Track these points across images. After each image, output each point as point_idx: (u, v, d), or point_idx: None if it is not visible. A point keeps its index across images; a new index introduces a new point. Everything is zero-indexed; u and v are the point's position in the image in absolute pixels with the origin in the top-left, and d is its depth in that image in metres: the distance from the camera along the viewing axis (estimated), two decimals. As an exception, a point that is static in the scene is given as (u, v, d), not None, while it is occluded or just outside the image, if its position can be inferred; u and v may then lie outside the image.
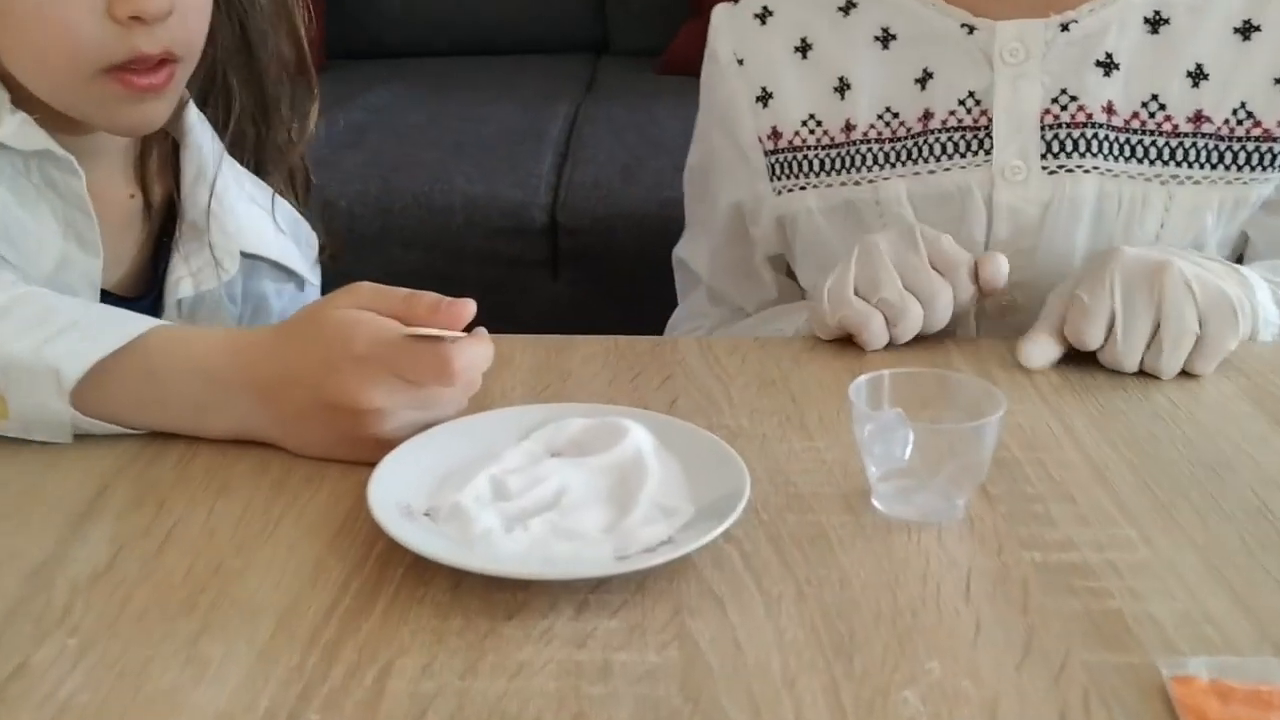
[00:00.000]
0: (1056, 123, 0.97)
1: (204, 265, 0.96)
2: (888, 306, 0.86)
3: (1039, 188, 0.97)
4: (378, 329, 0.70)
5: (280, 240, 1.04)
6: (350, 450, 0.71)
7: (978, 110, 0.99)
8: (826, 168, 1.04)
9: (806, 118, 1.05)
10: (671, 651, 0.56)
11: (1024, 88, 0.97)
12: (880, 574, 0.62)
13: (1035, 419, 0.78)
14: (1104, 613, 0.59)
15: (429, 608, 0.59)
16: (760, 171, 1.07)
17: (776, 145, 1.06)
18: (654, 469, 0.68)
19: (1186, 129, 0.97)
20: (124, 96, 0.84)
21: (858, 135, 1.02)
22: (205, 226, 0.96)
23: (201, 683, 0.54)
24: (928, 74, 1.01)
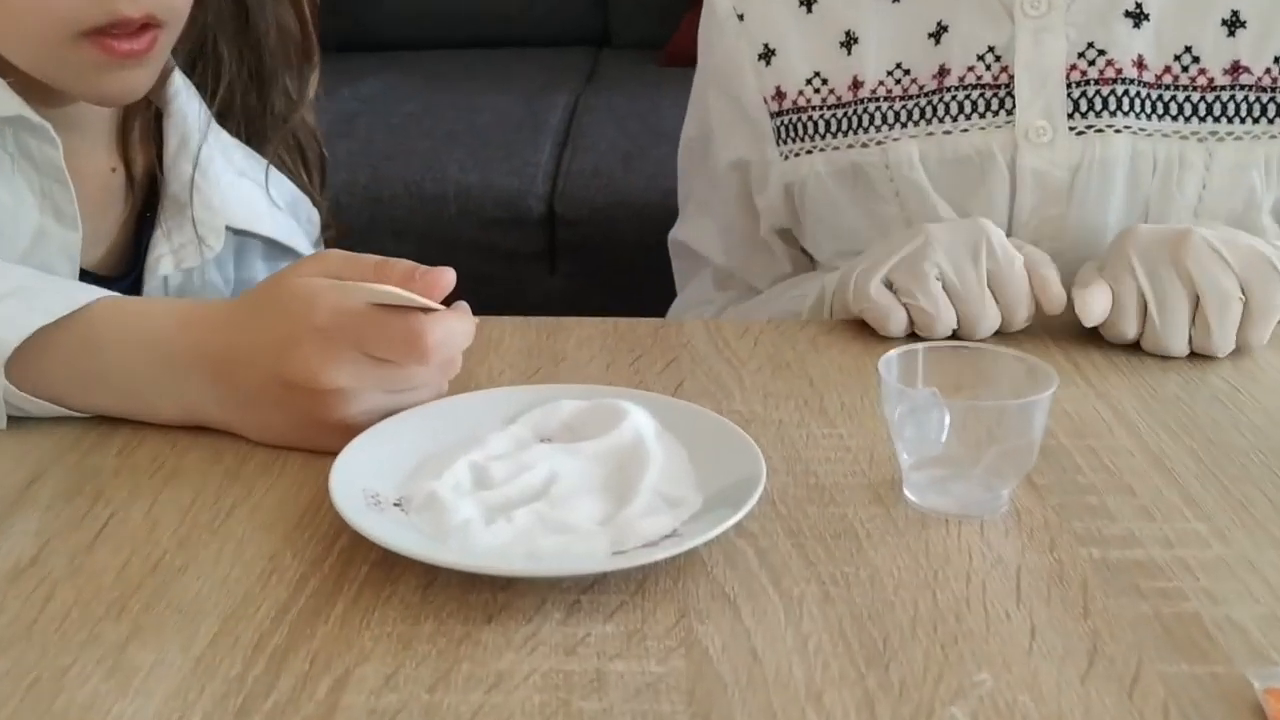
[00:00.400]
0: (1084, 79, 0.89)
1: (187, 242, 0.89)
2: (919, 313, 0.78)
3: (1067, 150, 0.88)
4: (342, 298, 0.62)
5: (276, 216, 0.96)
6: (312, 437, 0.63)
7: (997, 67, 0.91)
8: (833, 129, 0.96)
9: (811, 76, 0.96)
10: (676, 660, 0.48)
11: (1047, 42, 0.89)
12: (916, 572, 0.54)
13: (1081, 404, 0.70)
14: (1178, 617, 0.50)
15: (396, 610, 0.51)
16: (766, 135, 0.99)
17: (781, 106, 0.98)
18: (656, 455, 0.60)
19: (1223, 82, 0.88)
20: (104, 63, 0.76)
21: (865, 93, 0.94)
22: (188, 200, 0.89)
23: (125, 695, 0.46)
24: (942, 27, 0.92)
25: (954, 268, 0.78)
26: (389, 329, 0.61)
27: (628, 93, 2.12)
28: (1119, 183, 0.88)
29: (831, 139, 0.95)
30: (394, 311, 0.61)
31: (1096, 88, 0.89)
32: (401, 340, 0.61)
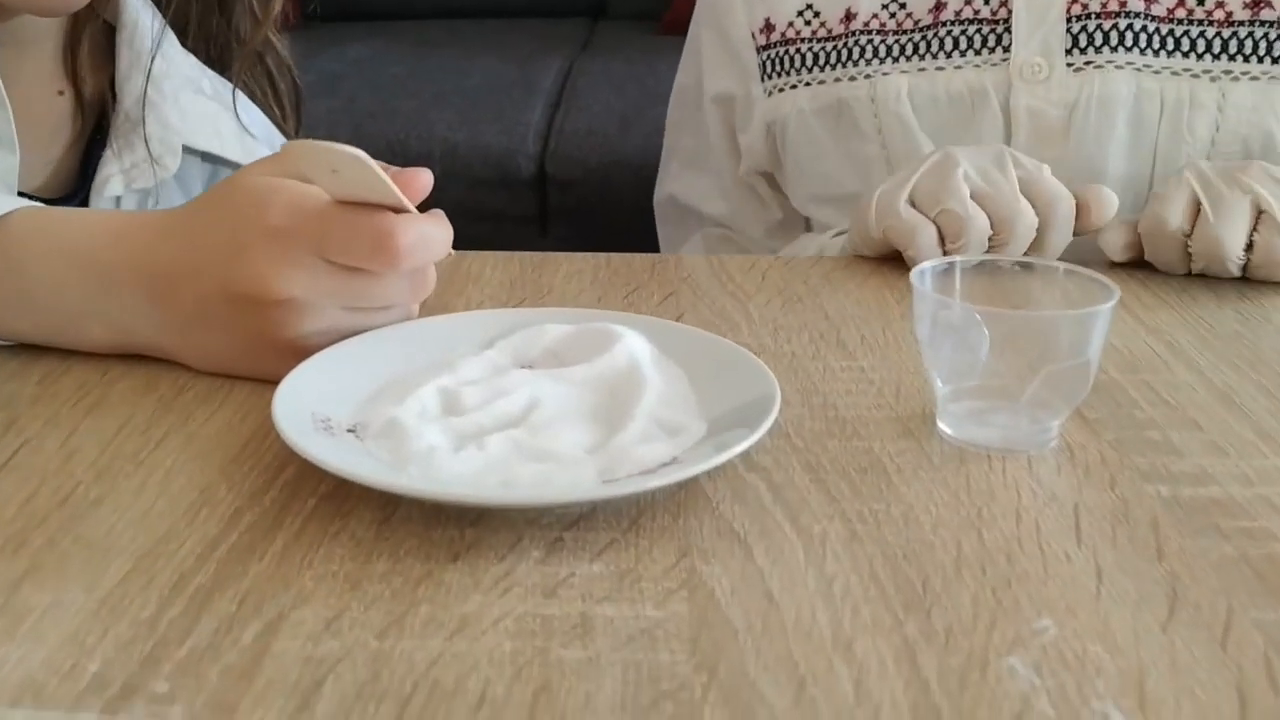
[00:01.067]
0: (1085, 12, 0.82)
1: (139, 161, 0.80)
2: (949, 219, 0.69)
3: (1062, 87, 0.81)
4: (300, 195, 0.54)
5: (247, 143, 0.88)
6: (261, 361, 0.55)
7: (996, 1, 0.84)
8: (820, 62, 0.89)
9: (804, 8, 0.90)
10: (677, 604, 0.40)
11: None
12: (958, 510, 0.46)
13: (1131, 339, 0.63)
14: (1269, 558, 0.43)
15: (345, 547, 0.43)
16: (751, 71, 0.93)
17: (769, 39, 0.91)
18: (653, 379, 0.52)
19: (1242, 16, 0.80)
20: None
21: (858, 25, 0.88)
22: (141, 117, 0.81)
23: (11, 639, 0.38)
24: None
25: (982, 175, 0.70)
26: (354, 227, 0.52)
27: (624, 58, 2.04)
28: (1120, 123, 0.80)
29: (819, 72, 0.89)
30: (360, 209, 0.53)
31: (1098, 21, 0.81)
32: (369, 240, 0.52)
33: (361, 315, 0.56)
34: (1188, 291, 0.70)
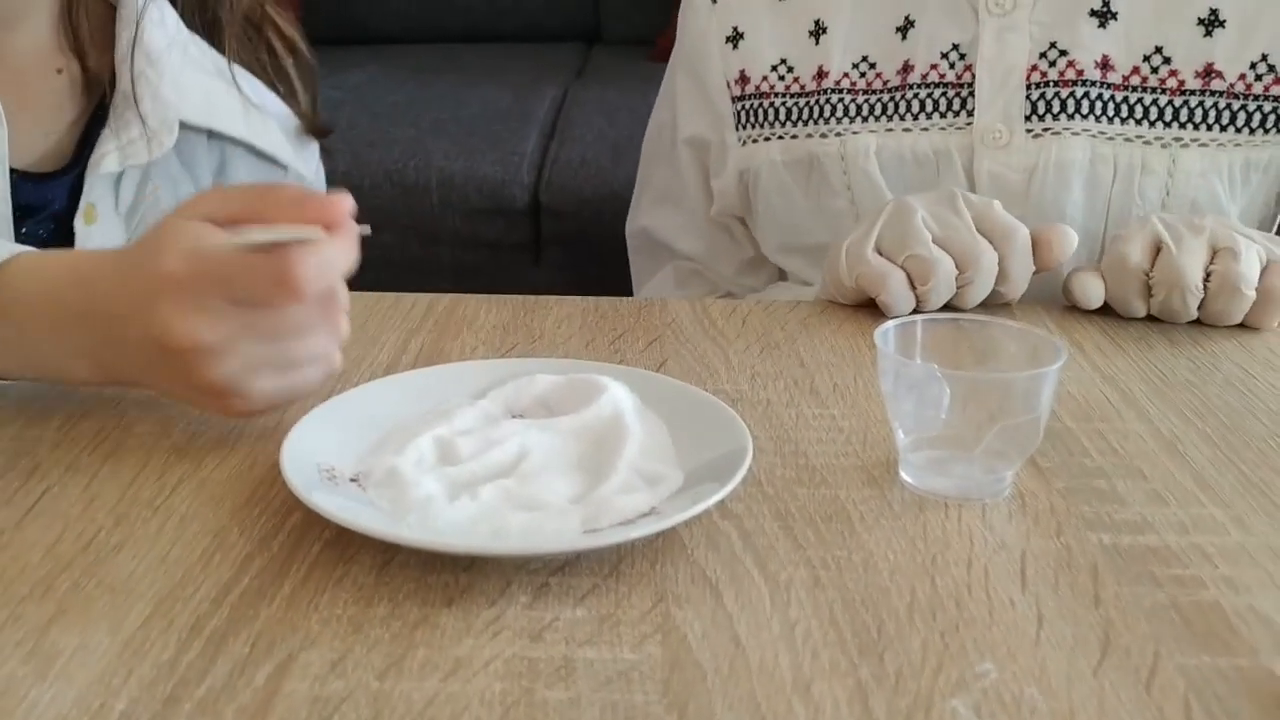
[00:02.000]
0: (1044, 80, 0.85)
1: (135, 138, 0.83)
2: (916, 263, 0.73)
3: (1022, 152, 0.85)
4: (196, 238, 0.54)
5: (253, 120, 0.90)
6: (203, 401, 0.57)
7: (961, 65, 0.87)
8: (794, 117, 0.93)
9: (777, 62, 0.94)
10: (652, 647, 0.44)
11: (1010, 40, 0.86)
12: (914, 557, 0.50)
13: (1087, 387, 0.67)
14: (1197, 606, 0.46)
15: (348, 591, 0.47)
16: (726, 119, 0.97)
17: (744, 90, 0.95)
18: (635, 431, 0.56)
19: (1194, 85, 0.84)
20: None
21: (830, 84, 0.92)
22: (138, 93, 0.83)
23: (44, 680, 0.42)
24: (909, 22, 0.89)
25: (937, 219, 0.75)
26: (253, 269, 0.53)
27: (618, 87, 2.08)
28: (1076, 187, 0.85)
29: (791, 127, 0.93)
30: (260, 249, 0.53)
31: (1055, 89, 0.85)
32: (268, 279, 0.53)
33: (282, 346, 0.56)
34: (1145, 339, 0.73)
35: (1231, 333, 0.74)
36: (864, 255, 0.75)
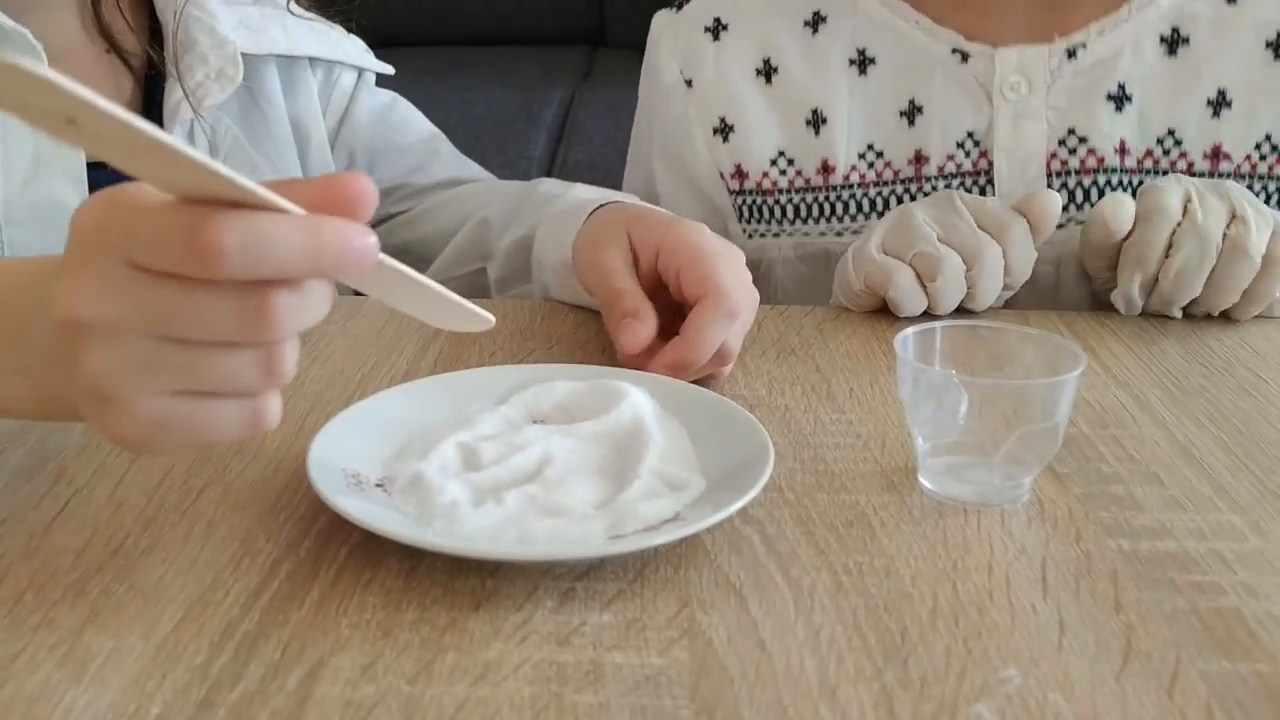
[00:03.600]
0: (1064, 169, 0.85)
1: (203, 80, 0.85)
2: (923, 260, 0.74)
3: (1048, 246, 0.83)
4: (126, 190, 0.42)
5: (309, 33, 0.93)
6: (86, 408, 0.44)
7: (977, 152, 0.86)
8: (802, 214, 0.89)
9: (776, 155, 0.90)
10: (679, 652, 0.44)
11: (1028, 127, 0.84)
12: (935, 562, 0.50)
13: (1102, 393, 0.67)
14: (1217, 612, 0.47)
15: (376, 596, 0.47)
16: (726, 210, 0.92)
17: (742, 186, 0.91)
18: (656, 437, 0.56)
19: (1203, 167, 0.85)
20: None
21: (838, 179, 0.88)
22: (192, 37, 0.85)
23: (79, 684, 0.42)
24: (916, 107, 0.87)
25: (939, 220, 0.75)
26: (163, 215, 0.40)
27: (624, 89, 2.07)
28: None
29: (800, 224, 0.90)
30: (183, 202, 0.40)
31: (1078, 178, 0.85)
32: (177, 229, 0.39)
33: (182, 351, 0.42)
34: (1157, 344, 0.74)
35: (1244, 338, 0.74)
36: (869, 255, 0.75)
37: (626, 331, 0.63)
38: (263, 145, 0.91)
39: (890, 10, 0.87)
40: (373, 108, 0.99)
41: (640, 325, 0.63)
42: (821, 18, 0.89)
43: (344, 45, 0.97)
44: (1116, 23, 0.84)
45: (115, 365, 0.42)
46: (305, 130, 0.94)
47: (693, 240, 0.65)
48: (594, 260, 0.68)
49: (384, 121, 0.99)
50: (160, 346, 0.42)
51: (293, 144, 0.94)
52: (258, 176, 0.92)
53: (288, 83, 0.93)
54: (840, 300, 0.80)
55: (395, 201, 0.98)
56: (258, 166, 0.90)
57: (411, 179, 0.98)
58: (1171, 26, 0.84)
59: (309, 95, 0.94)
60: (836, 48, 0.88)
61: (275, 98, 0.92)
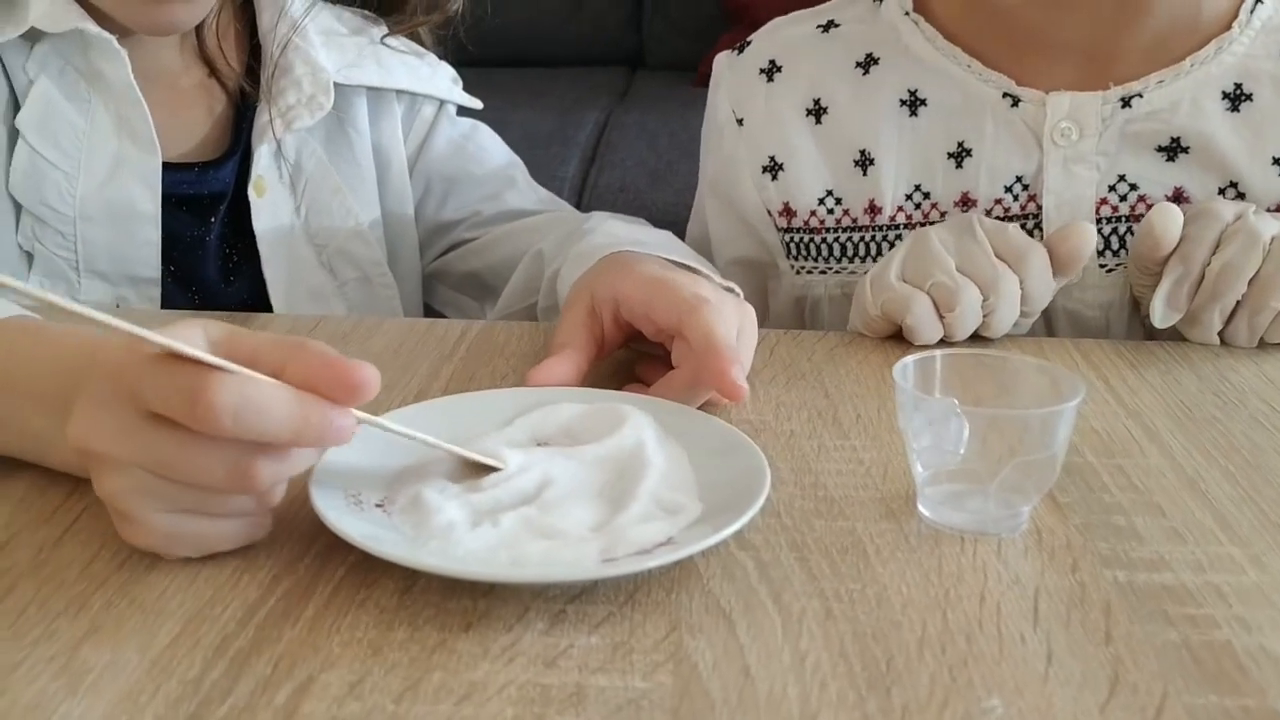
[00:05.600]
0: (1114, 215, 0.84)
1: (294, 104, 0.90)
2: (940, 290, 0.74)
3: (1097, 290, 0.84)
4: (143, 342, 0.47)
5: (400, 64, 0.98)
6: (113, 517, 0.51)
7: (1025, 196, 0.85)
8: (849, 253, 0.90)
9: (824, 195, 0.90)
10: (663, 676, 0.44)
11: (1079, 173, 0.83)
12: (927, 591, 0.50)
13: (1111, 422, 0.67)
14: (1209, 645, 0.47)
15: (370, 615, 0.48)
16: (775, 246, 0.93)
17: (790, 224, 0.91)
18: (657, 461, 0.57)
19: None
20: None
21: (884, 220, 0.88)
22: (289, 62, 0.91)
23: (74, 695, 0.43)
24: (964, 150, 0.86)
25: (957, 247, 0.75)
26: (169, 373, 0.46)
27: (659, 111, 2.10)
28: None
29: (847, 263, 0.90)
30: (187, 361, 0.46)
31: (1129, 224, 0.83)
32: (179, 389, 0.46)
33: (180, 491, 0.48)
34: (1171, 373, 0.74)
35: (1262, 368, 0.74)
36: (888, 282, 0.75)
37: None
38: (345, 169, 0.95)
39: (941, 53, 0.87)
40: (451, 137, 1.03)
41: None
42: (874, 59, 0.89)
43: (434, 79, 1.01)
44: (1177, 75, 0.82)
45: (125, 489, 0.49)
46: (386, 156, 0.98)
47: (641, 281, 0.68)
48: (562, 311, 0.72)
49: (460, 151, 1.03)
50: (160, 480, 0.48)
51: (374, 169, 0.98)
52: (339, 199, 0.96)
53: (375, 111, 0.98)
54: (857, 326, 0.80)
55: (466, 229, 1.02)
56: (339, 189, 0.94)
57: (483, 207, 1.01)
58: (1235, 83, 0.82)
59: (393, 124, 0.99)
60: (887, 89, 0.88)
61: (361, 125, 0.96)
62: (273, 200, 0.91)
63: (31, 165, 0.83)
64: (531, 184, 1.05)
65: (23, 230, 0.84)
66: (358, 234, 0.95)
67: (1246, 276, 0.73)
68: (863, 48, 0.90)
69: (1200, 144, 0.82)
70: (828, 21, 0.92)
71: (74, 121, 0.83)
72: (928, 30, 0.87)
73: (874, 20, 0.90)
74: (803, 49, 0.92)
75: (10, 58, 0.83)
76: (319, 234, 0.94)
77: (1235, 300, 0.74)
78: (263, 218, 0.91)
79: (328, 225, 0.94)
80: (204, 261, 0.91)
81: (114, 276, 0.86)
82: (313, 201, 0.93)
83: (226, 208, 0.91)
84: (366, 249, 0.96)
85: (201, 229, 0.90)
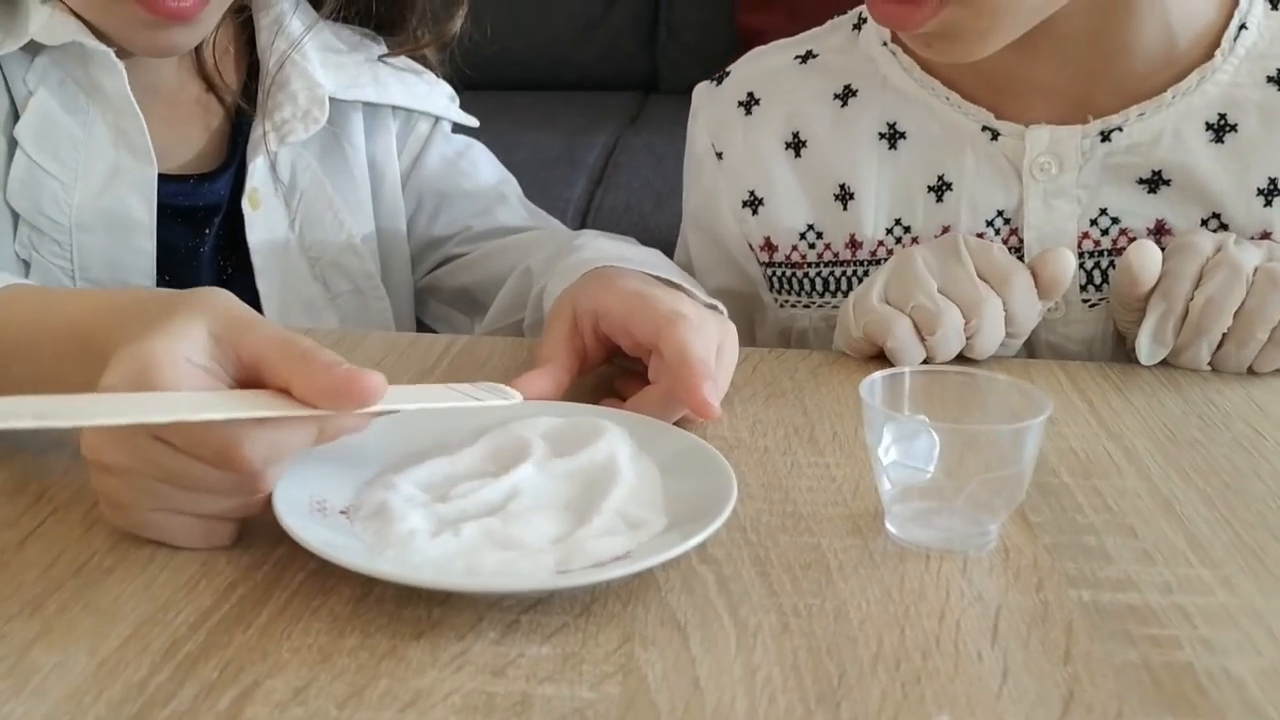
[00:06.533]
0: (1097, 249, 0.83)
1: (289, 118, 0.91)
2: (921, 313, 0.73)
3: (1080, 324, 0.83)
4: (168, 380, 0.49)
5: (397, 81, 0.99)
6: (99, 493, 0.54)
7: (1007, 230, 0.84)
8: (830, 288, 0.89)
9: (805, 229, 0.89)
10: (611, 687, 0.44)
11: (1059, 207, 0.82)
12: (887, 607, 0.50)
13: (1091, 443, 0.66)
14: (1169, 666, 0.46)
15: (323, 621, 0.48)
16: (757, 279, 0.92)
17: (772, 258, 0.90)
18: (626, 475, 0.56)
19: None
20: (147, 21, 0.79)
21: (865, 254, 0.87)
22: (285, 76, 0.91)
23: (19, 695, 0.43)
24: (944, 183, 0.85)
25: (941, 268, 0.74)
26: (196, 435, 0.49)
27: (669, 135, 2.08)
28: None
29: (830, 296, 0.89)
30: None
31: (1111, 258, 0.83)
32: (209, 449, 0.49)
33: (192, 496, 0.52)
34: (1156, 395, 0.73)
35: (1250, 393, 0.73)
36: (870, 304, 0.75)
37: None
38: (339, 182, 0.96)
39: (920, 85, 0.86)
40: (445, 154, 1.03)
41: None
42: (852, 91, 0.88)
43: (431, 96, 1.02)
44: (1158, 107, 0.81)
45: (124, 491, 0.52)
46: (380, 171, 0.99)
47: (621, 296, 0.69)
48: (546, 325, 0.72)
49: (453, 167, 1.03)
50: (163, 487, 0.51)
51: (368, 183, 0.99)
52: (333, 212, 0.96)
53: (370, 126, 0.98)
54: (841, 346, 0.80)
55: (457, 244, 1.02)
56: (333, 203, 0.95)
57: (473, 223, 1.02)
58: (1219, 113, 0.81)
59: (388, 139, 1.00)
60: (866, 121, 0.87)
61: (357, 139, 0.97)
62: (267, 213, 0.92)
63: (29, 175, 0.84)
64: (524, 201, 1.05)
65: (20, 239, 0.84)
66: (351, 247, 0.96)
67: (1231, 310, 0.73)
68: (841, 79, 0.89)
69: (1182, 176, 0.81)
70: (806, 52, 0.91)
71: (72, 132, 0.84)
72: (905, 61, 0.86)
73: (852, 50, 0.89)
74: (781, 80, 0.91)
75: (10, 69, 0.84)
76: (313, 247, 0.94)
77: (1221, 333, 0.74)
78: (257, 230, 0.91)
79: (321, 238, 0.94)
80: (198, 273, 0.92)
81: (109, 285, 0.87)
82: (307, 215, 0.94)
83: (221, 220, 0.92)
84: (360, 262, 0.96)
85: (196, 240, 0.91)
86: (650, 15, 2.63)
